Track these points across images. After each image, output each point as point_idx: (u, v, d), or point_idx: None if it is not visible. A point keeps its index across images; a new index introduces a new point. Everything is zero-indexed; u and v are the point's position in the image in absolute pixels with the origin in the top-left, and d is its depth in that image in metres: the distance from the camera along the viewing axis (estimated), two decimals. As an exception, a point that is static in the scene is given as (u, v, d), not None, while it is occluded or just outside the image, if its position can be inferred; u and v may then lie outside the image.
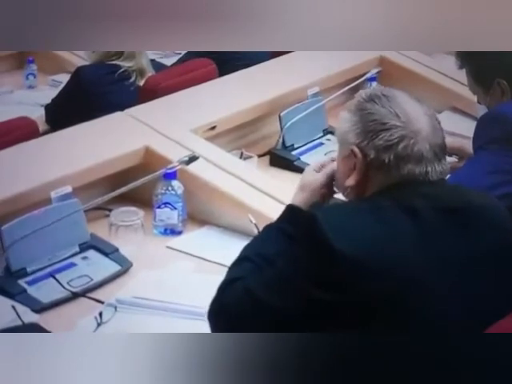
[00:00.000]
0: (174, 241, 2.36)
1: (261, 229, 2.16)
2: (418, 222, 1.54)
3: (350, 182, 1.64)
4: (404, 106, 1.60)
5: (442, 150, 1.62)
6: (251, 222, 2.19)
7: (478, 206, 1.64)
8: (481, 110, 2.44)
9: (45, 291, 2.07)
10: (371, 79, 3.18)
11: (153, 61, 3.70)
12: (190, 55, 3.68)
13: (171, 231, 2.39)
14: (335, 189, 1.78)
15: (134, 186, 2.21)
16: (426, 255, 1.53)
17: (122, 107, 2.77)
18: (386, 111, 1.59)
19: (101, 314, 1.97)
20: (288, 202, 2.33)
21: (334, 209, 1.63)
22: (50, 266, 2.16)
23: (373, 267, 1.48)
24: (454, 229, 1.57)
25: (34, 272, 2.12)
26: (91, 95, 3.34)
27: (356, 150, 1.61)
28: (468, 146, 2.44)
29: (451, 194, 1.63)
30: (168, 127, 2.62)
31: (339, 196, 1.79)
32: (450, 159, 2.61)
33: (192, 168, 2.36)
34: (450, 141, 2.57)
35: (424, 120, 1.60)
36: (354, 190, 1.64)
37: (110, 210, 2.36)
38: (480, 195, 1.71)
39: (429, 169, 1.58)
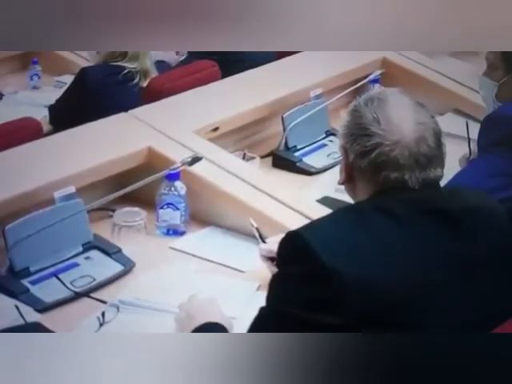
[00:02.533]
0: (177, 241, 2.37)
1: (262, 231, 2.18)
2: (404, 228, 1.54)
3: (340, 179, 1.67)
4: (391, 111, 1.58)
5: (428, 159, 1.58)
6: (252, 226, 2.20)
7: (472, 207, 1.63)
8: (482, 81, 2.42)
9: (48, 291, 2.08)
10: (374, 81, 3.18)
11: (162, 62, 3.72)
12: (193, 57, 3.69)
13: (174, 232, 2.40)
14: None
15: (137, 186, 2.22)
16: (416, 261, 1.52)
17: (125, 108, 2.77)
18: (370, 116, 1.58)
19: (103, 314, 1.97)
20: (290, 203, 2.36)
21: (317, 225, 1.59)
22: (53, 265, 2.16)
23: (368, 282, 1.47)
24: (445, 232, 1.56)
25: (37, 272, 2.13)
26: (95, 96, 3.35)
27: (342, 150, 1.64)
28: None
29: (444, 198, 1.62)
30: (171, 128, 2.62)
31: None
32: None
33: (195, 169, 2.36)
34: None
35: (410, 128, 1.57)
36: (346, 188, 1.67)
37: (113, 211, 2.37)
38: (477, 196, 1.71)
39: (406, 176, 1.56)
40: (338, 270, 1.46)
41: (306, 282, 1.49)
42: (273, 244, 1.99)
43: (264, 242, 2.15)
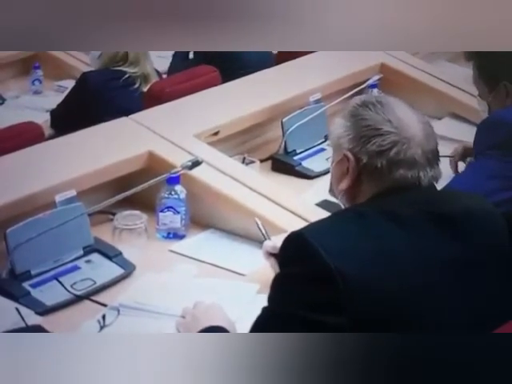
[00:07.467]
0: (177, 245, 2.38)
1: (265, 232, 2.20)
2: (405, 229, 1.55)
3: (343, 185, 1.65)
4: (397, 112, 1.62)
5: (434, 156, 1.63)
6: (257, 223, 2.21)
7: (469, 209, 1.65)
8: (482, 105, 2.47)
9: (48, 294, 2.09)
10: (372, 86, 3.19)
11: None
12: (195, 61, 3.73)
13: (174, 235, 2.41)
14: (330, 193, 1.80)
15: (137, 190, 2.23)
16: (416, 262, 1.53)
17: (126, 113, 2.79)
18: (379, 117, 1.61)
19: (104, 317, 1.98)
20: (289, 206, 2.37)
21: (319, 226, 1.60)
22: (54, 268, 2.17)
23: (370, 282, 1.48)
24: (444, 234, 1.58)
25: (38, 275, 2.14)
26: (96, 101, 3.37)
27: (349, 154, 1.63)
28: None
29: (442, 200, 1.64)
30: (171, 132, 2.64)
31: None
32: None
33: (195, 173, 2.38)
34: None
35: (417, 126, 1.61)
36: (347, 194, 1.66)
37: (114, 214, 2.37)
38: (473, 198, 1.73)
39: (421, 174, 1.60)
40: (340, 270, 1.47)
41: (309, 282, 1.50)
42: (278, 241, 2.00)
43: (269, 238, 2.16)
